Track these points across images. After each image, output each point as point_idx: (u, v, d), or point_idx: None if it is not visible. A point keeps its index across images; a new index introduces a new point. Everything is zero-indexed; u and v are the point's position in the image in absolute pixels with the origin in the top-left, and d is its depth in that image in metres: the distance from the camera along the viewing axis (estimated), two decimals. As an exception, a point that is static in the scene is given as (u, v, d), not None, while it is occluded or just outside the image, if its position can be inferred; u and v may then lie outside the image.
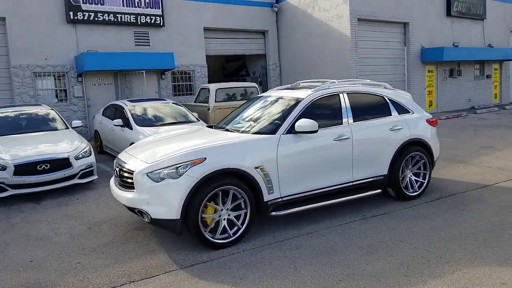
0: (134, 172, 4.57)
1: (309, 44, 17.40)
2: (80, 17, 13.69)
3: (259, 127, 5.38)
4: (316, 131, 5.04)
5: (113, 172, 5.33)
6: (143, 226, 5.33)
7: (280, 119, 5.29)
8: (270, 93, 6.34)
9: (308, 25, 17.34)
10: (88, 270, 4.17)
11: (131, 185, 4.65)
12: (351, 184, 5.58)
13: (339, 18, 16.00)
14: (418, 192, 6.12)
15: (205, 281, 3.83)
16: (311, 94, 5.53)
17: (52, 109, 9.08)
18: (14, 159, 6.72)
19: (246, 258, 4.31)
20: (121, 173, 4.90)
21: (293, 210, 5.09)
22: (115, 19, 14.38)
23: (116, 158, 5.30)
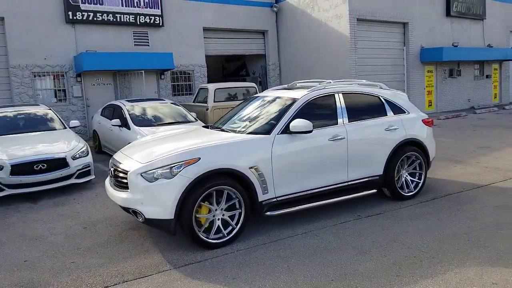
0: (128, 172, 4.59)
1: (309, 44, 17.39)
2: (79, 17, 13.70)
3: (254, 127, 5.39)
4: (311, 131, 5.05)
5: (108, 172, 5.34)
6: (139, 226, 5.35)
7: (275, 119, 5.30)
8: (266, 93, 6.35)
9: (308, 25, 17.33)
10: (82, 270, 4.18)
11: (126, 185, 4.66)
12: (346, 184, 5.59)
13: (339, 18, 15.99)
14: (414, 192, 6.12)
15: (198, 281, 3.85)
16: (306, 94, 5.54)
17: (50, 109, 9.09)
18: (11, 159, 6.74)
19: (240, 258, 4.32)
20: (116, 173, 4.92)
21: (288, 210, 5.10)
22: (114, 19, 14.39)
23: (111, 158, 5.32)
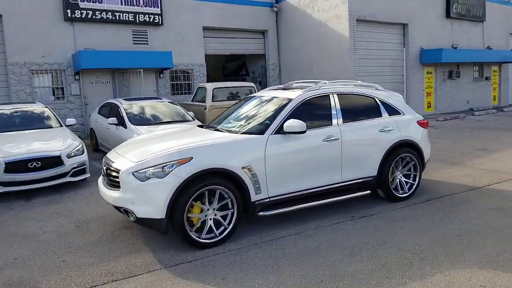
0: (120, 171, 4.58)
1: (309, 44, 17.38)
2: (78, 15, 13.70)
3: (248, 127, 5.39)
4: (304, 132, 5.04)
5: (101, 171, 5.33)
6: (131, 225, 5.34)
7: (269, 119, 5.29)
8: (262, 93, 6.35)
9: (308, 25, 17.32)
10: (72, 269, 4.17)
11: (118, 184, 4.65)
12: (340, 185, 5.58)
13: (338, 19, 15.98)
14: (408, 194, 6.11)
15: (187, 281, 3.84)
16: (301, 95, 5.53)
17: (46, 107, 9.07)
18: (5, 157, 6.73)
19: (231, 258, 4.31)
20: (108, 172, 4.91)
21: (281, 211, 5.09)
22: (113, 17, 14.38)
23: (104, 157, 5.31)
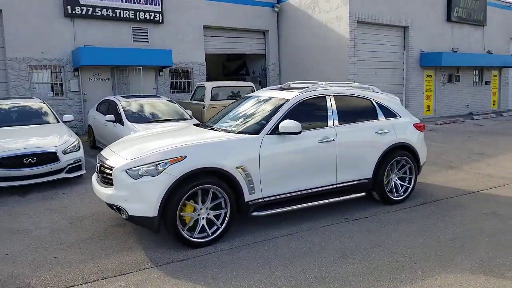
0: (114, 168, 4.57)
1: (309, 45, 17.37)
2: (78, 12, 13.68)
3: (244, 127, 5.37)
4: (300, 132, 5.03)
5: (95, 168, 5.32)
6: (124, 223, 5.32)
7: (265, 119, 5.27)
8: (259, 93, 6.34)
9: (309, 26, 17.31)
10: (63, 265, 4.16)
11: (111, 182, 4.64)
12: (335, 187, 5.56)
13: (339, 20, 15.97)
14: (403, 197, 6.10)
15: (177, 280, 3.82)
16: (297, 96, 5.52)
17: (44, 103, 9.06)
18: (0, 152, 6.71)
19: (223, 258, 4.30)
20: (102, 169, 4.89)
21: (275, 211, 5.07)
22: (114, 15, 14.37)
23: (98, 154, 5.30)
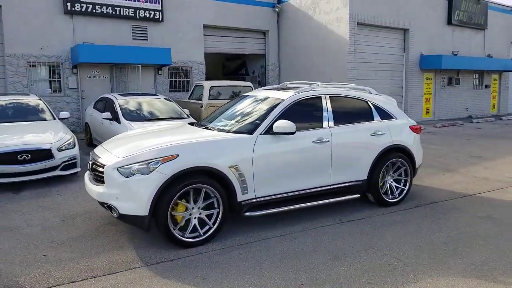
0: (105, 166, 4.53)
1: (309, 46, 17.35)
2: (78, 9, 13.66)
3: (238, 126, 5.34)
4: (294, 133, 4.99)
5: (87, 166, 5.28)
6: (117, 222, 5.28)
7: (259, 119, 5.24)
8: (255, 93, 6.30)
9: (309, 27, 17.29)
10: (52, 263, 4.12)
11: (103, 179, 4.60)
12: (329, 188, 5.53)
13: (339, 22, 15.94)
14: (398, 199, 6.07)
15: (166, 280, 3.79)
16: (292, 96, 5.49)
17: (40, 99, 9.02)
18: (-5, 148, 6.68)
19: (214, 258, 4.26)
20: (94, 167, 4.86)
21: (268, 212, 5.04)
22: (113, 12, 14.35)
23: (91, 152, 5.26)
